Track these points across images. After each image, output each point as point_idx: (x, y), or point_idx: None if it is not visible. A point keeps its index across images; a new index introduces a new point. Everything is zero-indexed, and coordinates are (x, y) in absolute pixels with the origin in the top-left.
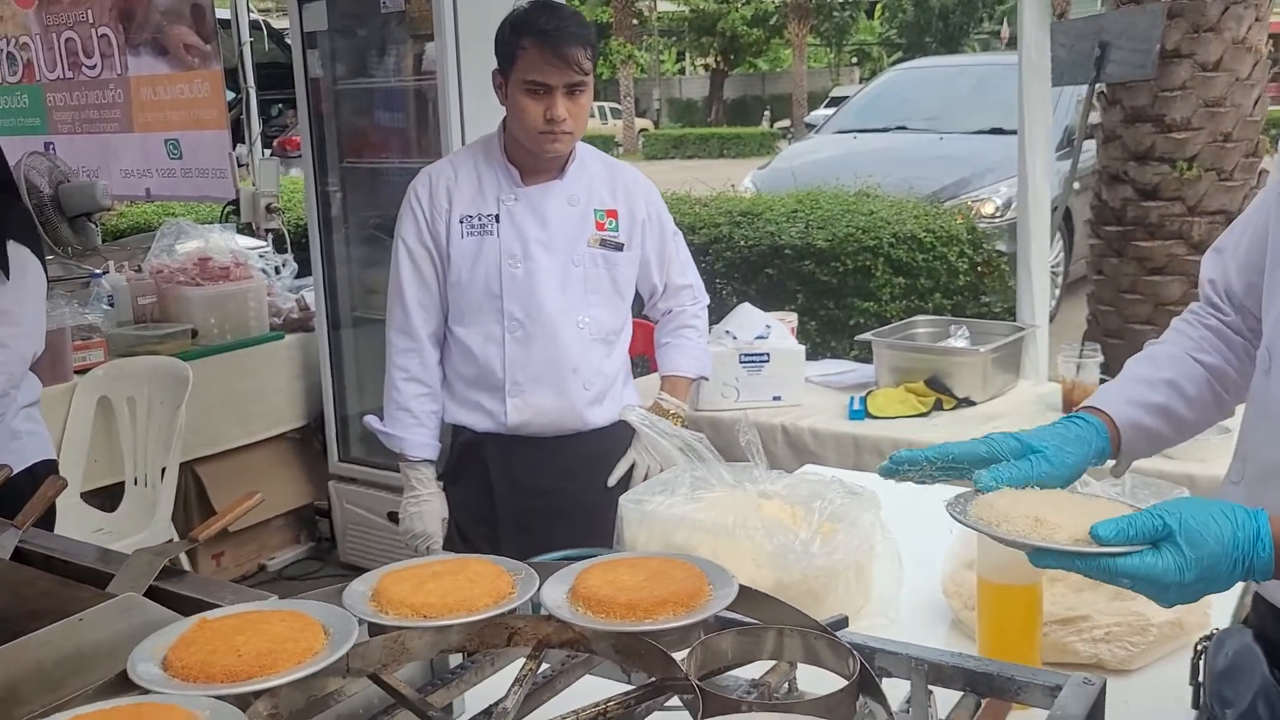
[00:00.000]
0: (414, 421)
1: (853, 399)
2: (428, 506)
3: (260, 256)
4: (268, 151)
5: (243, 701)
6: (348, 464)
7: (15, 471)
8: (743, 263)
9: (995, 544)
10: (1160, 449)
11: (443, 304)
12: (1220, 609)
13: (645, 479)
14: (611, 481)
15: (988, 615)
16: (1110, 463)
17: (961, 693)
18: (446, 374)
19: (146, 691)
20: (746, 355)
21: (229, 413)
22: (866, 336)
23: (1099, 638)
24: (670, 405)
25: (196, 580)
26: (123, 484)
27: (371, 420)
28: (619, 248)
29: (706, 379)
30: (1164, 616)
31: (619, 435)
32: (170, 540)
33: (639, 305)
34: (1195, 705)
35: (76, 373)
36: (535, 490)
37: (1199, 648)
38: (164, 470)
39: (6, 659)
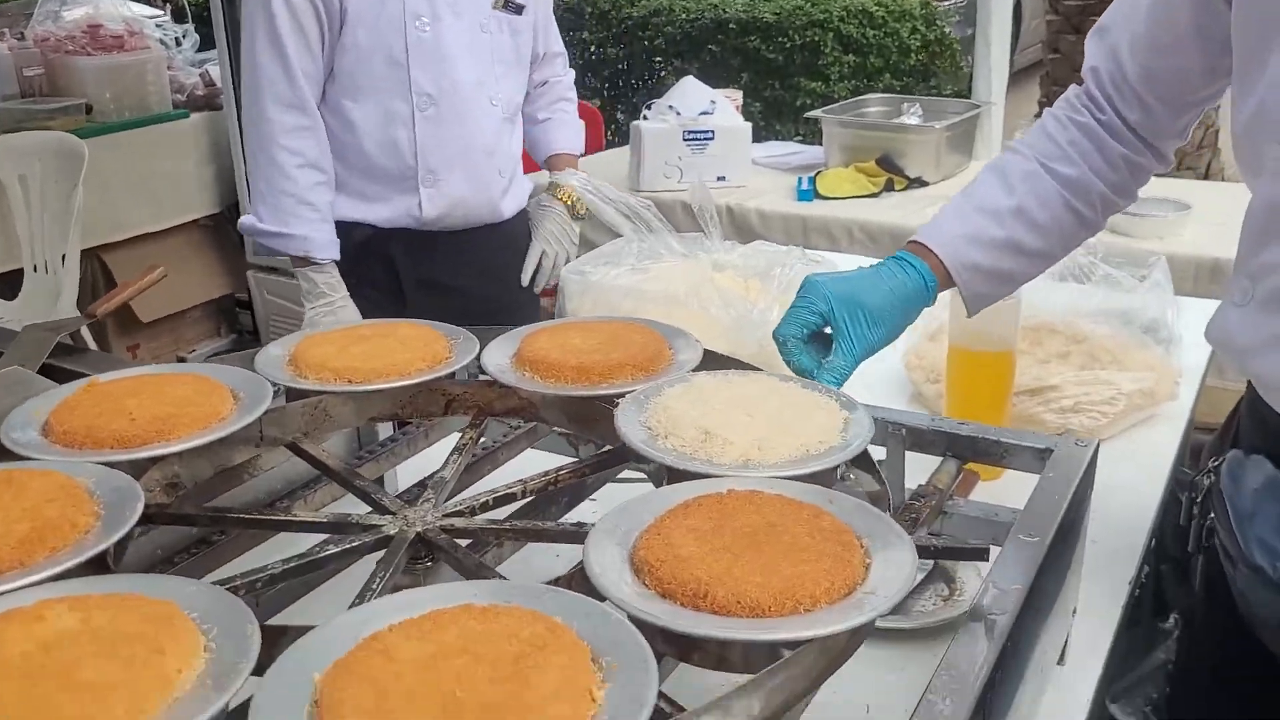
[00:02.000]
0: (316, 216)
1: (801, 179)
2: (344, 314)
3: (158, 27)
4: None
5: (137, 470)
6: (268, 253)
7: None
8: (683, 38)
9: (962, 311)
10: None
11: (323, 74)
12: (1190, 377)
13: (554, 269)
14: (526, 279)
15: (958, 383)
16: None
17: (940, 458)
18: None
19: (23, 459)
20: (690, 132)
21: (133, 197)
22: (817, 113)
23: (1068, 408)
24: (567, 183)
25: (97, 356)
26: (21, 271)
27: (250, 221)
28: (519, 10)
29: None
30: (1133, 386)
31: (526, 225)
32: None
33: None
34: (1195, 549)
35: None
36: (449, 289)
37: (1199, 481)
38: (64, 256)
39: None
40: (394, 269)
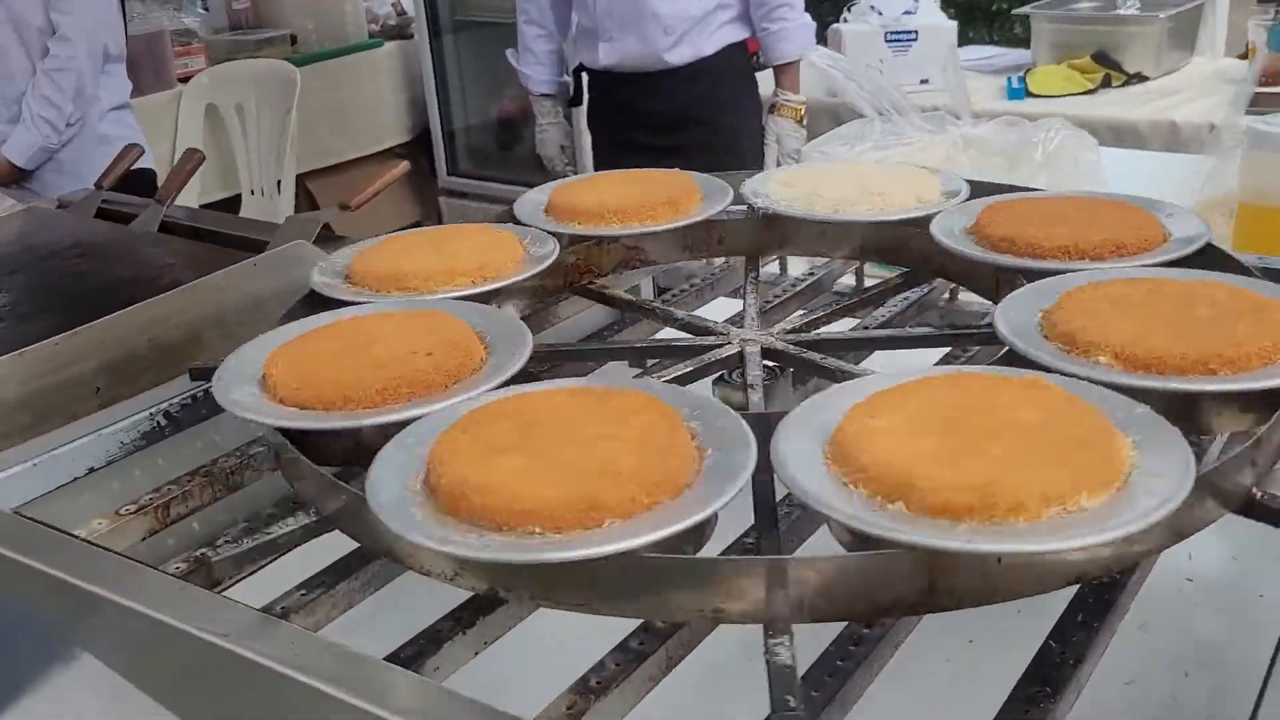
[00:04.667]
0: (534, 60)
1: (1010, 78)
2: (547, 135)
3: None
4: None
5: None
6: (456, 178)
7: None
8: None
9: (1256, 167)
10: None
11: None
12: None
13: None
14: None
15: (1250, 243)
16: None
17: None
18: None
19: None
20: (893, 34)
21: (333, 126)
22: (1025, 9)
23: None
24: (792, 102)
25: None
26: (239, 197)
27: (511, 54)
28: None
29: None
30: None
31: (706, 67)
32: None
33: None
34: None
35: (179, 80)
36: (628, 118)
37: None
38: (280, 182)
39: (185, 302)
40: (591, 94)
